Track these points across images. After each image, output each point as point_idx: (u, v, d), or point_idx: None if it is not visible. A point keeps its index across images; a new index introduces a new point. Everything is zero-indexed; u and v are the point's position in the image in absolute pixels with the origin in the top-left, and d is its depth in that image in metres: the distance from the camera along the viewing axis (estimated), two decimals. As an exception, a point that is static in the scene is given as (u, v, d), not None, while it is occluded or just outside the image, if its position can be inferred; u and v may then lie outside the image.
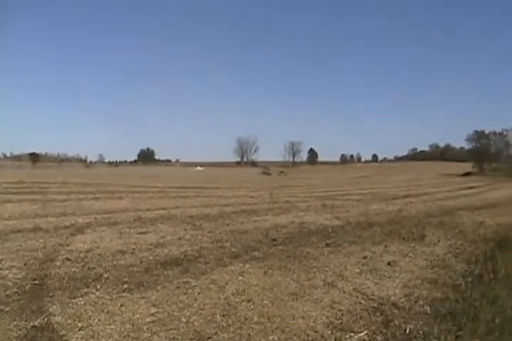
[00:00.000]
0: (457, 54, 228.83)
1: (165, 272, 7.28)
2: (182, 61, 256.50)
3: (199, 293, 6.23)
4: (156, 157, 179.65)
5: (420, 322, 5.30)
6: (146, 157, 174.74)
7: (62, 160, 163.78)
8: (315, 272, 7.61)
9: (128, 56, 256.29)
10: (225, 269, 7.58)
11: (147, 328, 4.93)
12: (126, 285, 6.48)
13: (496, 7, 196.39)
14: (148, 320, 5.18)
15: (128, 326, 4.98)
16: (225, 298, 6.05)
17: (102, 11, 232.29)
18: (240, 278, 7.08)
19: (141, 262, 7.94)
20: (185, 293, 6.21)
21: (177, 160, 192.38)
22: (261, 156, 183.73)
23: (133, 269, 7.44)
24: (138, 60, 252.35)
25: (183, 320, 5.22)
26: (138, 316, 5.29)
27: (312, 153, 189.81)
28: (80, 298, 5.84)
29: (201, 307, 5.68)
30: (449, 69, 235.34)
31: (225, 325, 5.12)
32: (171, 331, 4.88)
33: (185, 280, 6.85)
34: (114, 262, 7.91)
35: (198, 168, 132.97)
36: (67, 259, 7.97)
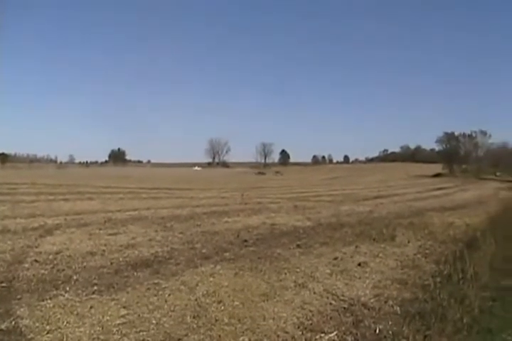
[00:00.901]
0: (428, 55, 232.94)
1: (135, 273, 7.25)
2: (152, 61, 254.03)
3: (169, 295, 6.21)
4: (127, 157, 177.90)
5: (390, 323, 5.38)
6: (117, 157, 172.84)
7: (32, 161, 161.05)
8: (286, 273, 7.65)
9: (97, 54, 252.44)
10: (196, 270, 7.57)
11: (117, 330, 4.89)
12: (96, 287, 6.41)
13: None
14: (118, 322, 5.13)
15: (97, 328, 4.93)
16: (196, 300, 6.03)
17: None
18: (211, 279, 7.08)
19: (111, 263, 7.89)
20: (155, 295, 6.18)
21: (148, 161, 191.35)
22: (232, 157, 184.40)
23: (103, 271, 7.37)
24: (109, 58, 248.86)
25: (154, 321, 5.19)
26: (108, 318, 5.24)
27: (284, 155, 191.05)
28: (49, 301, 5.76)
29: (171, 308, 5.66)
30: (422, 71, 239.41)
31: (195, 326, 5.10)
32: (141, 333, 4.85)
33: (156, 281, 6.82)
34: (84, 264, 7.83)
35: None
36: (36, 261, 7.85)
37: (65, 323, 5.03)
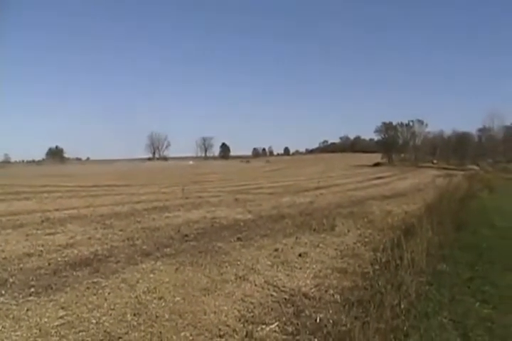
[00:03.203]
0: (365, 46, 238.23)
1: (74, 273, 7.14)
2: (90, 57, 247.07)
3: (109, 293, 6.16)
4: (66, 155, 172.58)
5: (330, 311, 5.55)
6: (54, 155, 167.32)
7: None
8: (227, 266, 7.75)
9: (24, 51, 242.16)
10: (136, 267, 7.53)
11: (55, 332, 4.82)
12: (33, 289, 6.29)
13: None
14: (56, 323, 5.06)
15: (35, 331, 4.84)
16: (136, 297, 6.02)
17: None
18: (151, 275, 7.08)
19: (49, 264, 7.73)
20: (95, 294, 6.11)
21: (87, 158, 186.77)
22: (172, 152, 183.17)
23: (40, 272, 7.22)
24: (33, 54, 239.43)
25: (93, 321, 5.15)
26: (46, 320, 5.15)
27: (224, 148, 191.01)
28: (-17, 306, 5.59)
29: (111, 307, 5.62)
30: (360, 63, 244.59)
31: (135, 324, 5.10)
32: (80, 333, 4.80)
33: (95, 280, 6.75)
34: (21, 265, 7.64)
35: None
36: (-31, 266, 7.59)
37: (0, 328, 4.91)
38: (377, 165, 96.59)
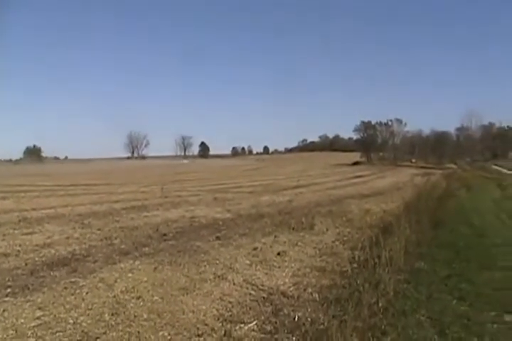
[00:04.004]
0: (345, 45, 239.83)
1: (52, 273, 7.09)
2: (67, 54, 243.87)
3: (87, 293, 6.12)
4: (44, 154, 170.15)
5: (309, 310, 5.60)
6: (32, 155, 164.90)
7: None
8: (205, 265, 7.76)
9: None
10: (114, 267, 7.50)
11: (32, 333, 4.78)
12: (9, 290, 6.22)
13: None
14: (33, 324, 5.01)
15: (11, 332, 4.80)
16: (114, 296, 6.00)
17: None
18: (130, 275, 7.05)
19: (26, 264, 7.66)
20: (72, 294, 6.07)
21: (66, 157, 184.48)
22: (151, 151, 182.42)
23: (17, 272, 7.16)
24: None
25: (70, 321, 5.11)
26: (22, 321, 5.10)
27: (204, 147, 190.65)
28: (-42, 308, 5.51)
29: (89, 307, 5.60)
30: (337, 60, 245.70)
31: (113, 323, 5.09)
32: (57, 334, 4.77)
33: (73, 280, 6.70)
34: (-2, 265, 7.54)
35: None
36: None
37: (-25, 329, 4.85)
38: (356, 164, 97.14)
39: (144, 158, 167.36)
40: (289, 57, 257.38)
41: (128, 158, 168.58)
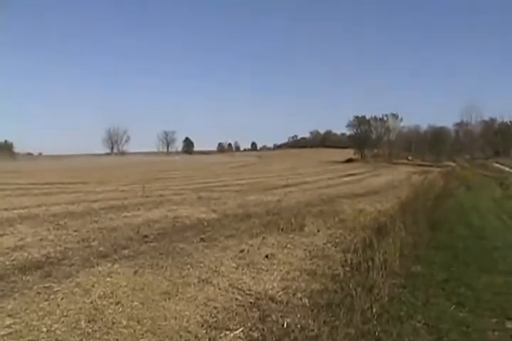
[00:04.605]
0: (335, 40, 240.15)
1: (24, 278, 7.01)
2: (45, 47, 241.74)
3: (62, 299, 6.07)
4: (16, 150, 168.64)
5: (298, 316, 5.62)
6: (2, 150, 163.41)
7: None
8: (189, 269, 7.75)
9: None
10: (92, 271, 7.45)
11: (1, 343, 4.74)
12: (-23, 296, 6.15)
13: None
14: (2, 332, 4.96)
15: (-23, 343, 4.74)
16: (91, 302, 5.96)
17: None
18: (108, 279, 7.01)
19: (-5, 268, 7.58)
20: (46, 300, 6.02)
21: (40, 154, 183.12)
22: (132, 147, 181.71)
23: (-15, 277, 7.08)
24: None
25: (44, 329, 5.07)
26: (-9, 330, 5.05)
27: (188, 142, 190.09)
28: None
29: (64, 313, 5.55)
30: (327, 55, 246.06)
31: (90, 331, 5.06)
32: (29, 343, 4.73)
33: (47, 285, 6.64)
34: (-35, 270, 7.47)
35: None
36: None
37: None
38: (349, 161, 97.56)
39: (124, 154, 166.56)
40: (277, 50, 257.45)
41: (107, 154, 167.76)
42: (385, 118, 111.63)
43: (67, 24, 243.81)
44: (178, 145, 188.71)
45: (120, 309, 5.76)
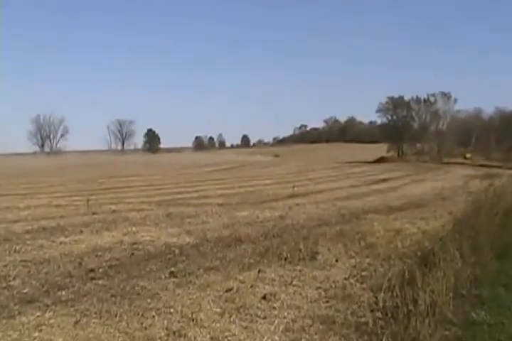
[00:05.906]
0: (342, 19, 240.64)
1: None
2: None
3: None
4: None
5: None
6: None
7: None
8: (154, 316, 7.72)
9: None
10: (12, 322, 7.37)
11: None
12: None
13: None
14: None
15: None
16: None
17: None
18: (36, 334, 6.94)
19: None
20: None
21: None
22: (72, 143, 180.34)
23: None
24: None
25: None
26: None
27: (152, 136, 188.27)
28: None
29: None
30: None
31: None
32: None
33: None
34: None
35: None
36: None
37: None
38: (380, 160, 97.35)
39: (59, 153, 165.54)
40: None
41: (34, 153, 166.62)
42: (432, 100, 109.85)
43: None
44: (138, 141, 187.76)
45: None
